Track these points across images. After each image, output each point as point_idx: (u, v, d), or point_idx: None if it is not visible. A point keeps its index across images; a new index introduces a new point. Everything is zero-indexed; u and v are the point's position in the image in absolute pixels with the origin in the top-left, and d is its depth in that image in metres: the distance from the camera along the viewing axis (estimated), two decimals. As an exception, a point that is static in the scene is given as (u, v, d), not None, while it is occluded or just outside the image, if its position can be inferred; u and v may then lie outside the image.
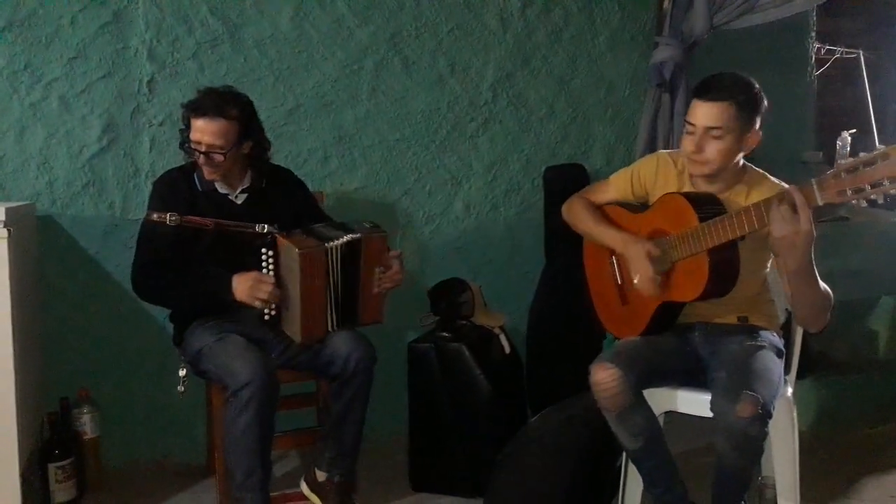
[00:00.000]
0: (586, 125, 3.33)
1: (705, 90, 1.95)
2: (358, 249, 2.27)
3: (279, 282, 2.22)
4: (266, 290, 2.19)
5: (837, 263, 3.15)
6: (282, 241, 2.21)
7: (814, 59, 3.96)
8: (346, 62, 2.93)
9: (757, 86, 1.98)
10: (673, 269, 2.02)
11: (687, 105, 3.12)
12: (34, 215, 2.58)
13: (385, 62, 2.99)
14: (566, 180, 3.10)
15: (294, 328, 2.24)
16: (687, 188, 2.10)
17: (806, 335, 2.30)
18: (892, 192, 1.54)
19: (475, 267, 3.18)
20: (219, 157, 2.21)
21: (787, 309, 2.29)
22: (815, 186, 1.66)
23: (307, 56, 2.88)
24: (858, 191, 1.57)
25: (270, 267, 2.23)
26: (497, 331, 2.80)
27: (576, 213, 2.27)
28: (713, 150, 1.95)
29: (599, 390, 1.97)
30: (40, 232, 2.62)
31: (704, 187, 2.05)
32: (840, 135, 4.04)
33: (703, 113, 1.94)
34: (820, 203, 1.66)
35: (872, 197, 1.57)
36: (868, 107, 4.43)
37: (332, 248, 2.23)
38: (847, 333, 3.37)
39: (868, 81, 4.40)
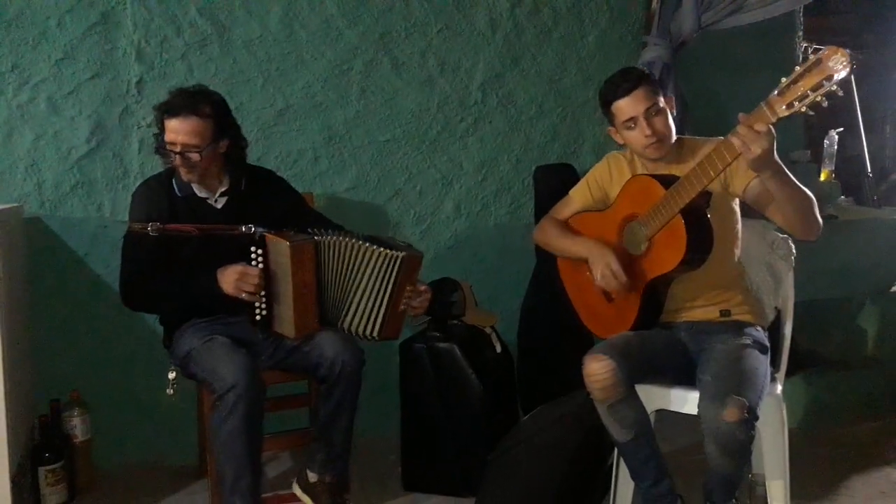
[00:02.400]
0: (576, 125, 3.34)
1: (618, 89, 2.10)
2: (398, 267, 2.26)
3: (270, 280, 2.22)
4: (252, 281, 2.18)
5: (825, 261, 3.18)
6: (271, 238, 2.21)
7: (801, 58, 3.98)
8: (336, 63, 2.93)
9: (641, 67, 2.36)
10: (651, 246, 2.07)
11: (676, 104, 3.18)
12: (22, 217, 2.57)
13: (375, 62, 2.99)
14: (556, 180, 3.10)
15: (287, 325, 2.24)
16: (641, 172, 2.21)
17: (795, 333, 2.32)
18: (831, 90, 1.67)
19: (466, 267, 3.18)
20: (195, 157, 2.19)
21: (776, 308, 2.31)
22: (765, 108, 1.76)
23: (296, 57, 2.88)
24: (802, 98, 1.70)
25: (260, 264, 2.23)
26: (488, 330, 2.80)
27: (545, 234, 2.36)
28: (660, 123, 2.09)
29: (592, 381, 1.99)
30: (28, 234, 2.61)
31: (659, 170, 2.14)
32: (828, 133, 4.07)
33: (633, 103, 2.08)
34: (773, 120, 1.75)
35: (817, 100, 1.68)
36: (855, 105, 4.46)
37: (324, 243, 2.24)
38: (836, 331, 3.40)
39: (855, 80, 4.43)
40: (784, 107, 1.72)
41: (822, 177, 3.98)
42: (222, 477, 2.15)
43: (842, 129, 4.15)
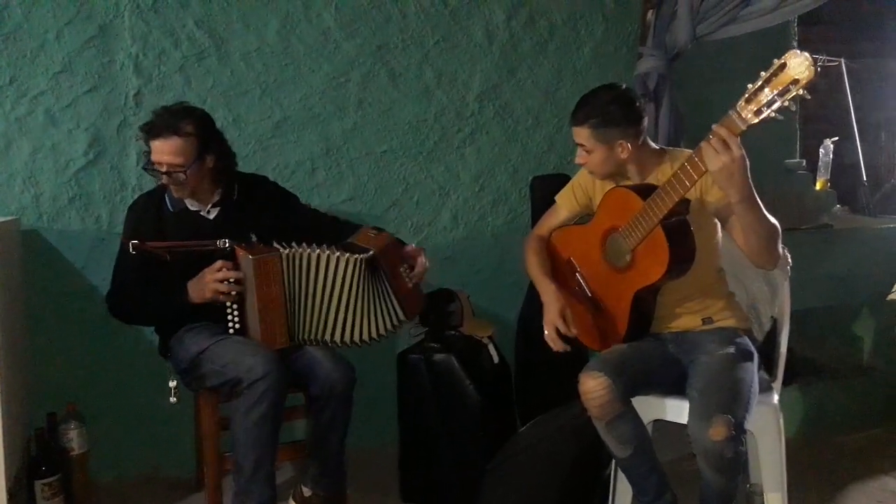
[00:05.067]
0: (572, 135, 3.34)
1: (572, 115, 2.16)
2: (377, 265, 2.26)
3: (242, 293, 2.23)
4: (221, 275, 2.18)
5: (821, 270, 3.19)
6: (239, 252, 2.21)
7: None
8: (333, 74, 2.94)
9: (613, 104, 2.09)
10: (634, 257, 2.07)
11: (671, 115, 3.20)
12: (19, 230, 2.57)
13: (372, 74, 3.00)
14: (553, 190, 3.09)
15: (255, 338, 2.24)
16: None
17: (791, 342, 2.33)
18: (798, 93, 1.66)
19: (463, 277, 3.18)
20: (180, 176, 2.21)
21: (772, 317, 2.32)
22: (733, 115, 1.76)
23: (294, 69, 2.89)
24: (770, 103, 1.69)
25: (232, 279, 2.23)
26: (486, 340, 2.80)
27: (527, 258, 2.37)
28: (592, 161, 2.16)
29: (589, 399, 1.99)
30: (25, 247, 2.61)
31: (636, 179, 2.16)
32: (823, 142, 4.09)
33: (574, 133, 2.16)
34: (743, 127, 1.74)
35: (785, 104, 1.68)
36: (850, 114, 4.48)
37: (288, 256, 2.22)
38: (832, 340, 3.40)
39: (850, 90, 4.45)
40: (752, 113, 1.72)
41: (818, 186, 3.99)
42: (241, 466, 2.14)
43: (837, 138, 4.17)
